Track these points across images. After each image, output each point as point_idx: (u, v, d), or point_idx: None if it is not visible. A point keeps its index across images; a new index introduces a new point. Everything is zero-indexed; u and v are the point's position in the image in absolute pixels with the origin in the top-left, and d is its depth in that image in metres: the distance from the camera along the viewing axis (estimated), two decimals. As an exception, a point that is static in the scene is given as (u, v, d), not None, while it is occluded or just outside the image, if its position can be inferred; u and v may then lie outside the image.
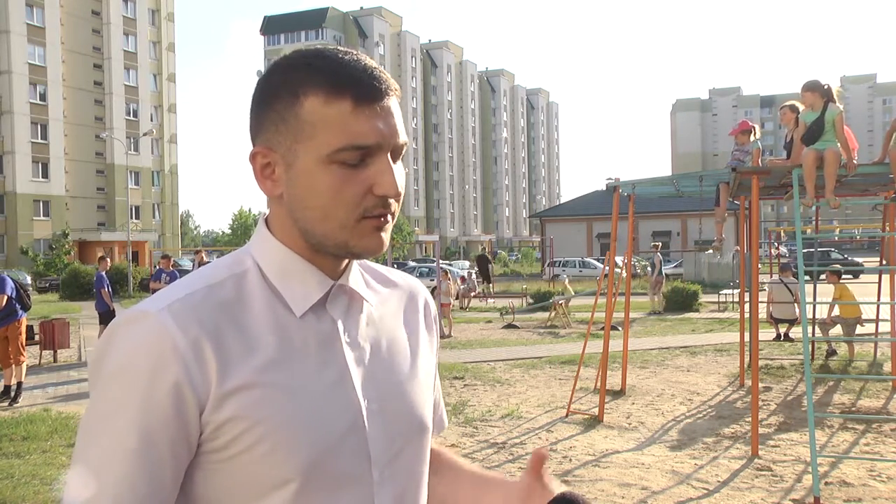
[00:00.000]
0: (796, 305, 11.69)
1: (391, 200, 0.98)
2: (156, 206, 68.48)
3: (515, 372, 10.80)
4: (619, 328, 11.89)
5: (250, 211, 69.33)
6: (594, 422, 7.62)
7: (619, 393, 9.00)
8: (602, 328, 9.10)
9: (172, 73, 71.33)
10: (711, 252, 30.95)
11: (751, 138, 8.14)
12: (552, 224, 53.10)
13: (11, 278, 9.52)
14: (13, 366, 9.24)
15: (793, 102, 7.46)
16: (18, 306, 9.36)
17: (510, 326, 17.58)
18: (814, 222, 10.90)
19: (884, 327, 11.11)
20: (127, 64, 65.07)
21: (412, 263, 40.35)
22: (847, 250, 42.29)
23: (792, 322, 12.25)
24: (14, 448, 6.81)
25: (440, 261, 19.96)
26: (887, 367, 10.25)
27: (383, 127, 0.96)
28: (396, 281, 1.19)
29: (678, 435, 7.08)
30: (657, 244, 23.66)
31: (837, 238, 36.65)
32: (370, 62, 0.98)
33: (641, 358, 11.71)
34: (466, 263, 47.39)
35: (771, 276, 13.91)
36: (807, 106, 6.49)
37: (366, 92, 0.95)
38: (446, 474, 1.22)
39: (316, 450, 0.95)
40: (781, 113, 7.77)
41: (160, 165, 68.83)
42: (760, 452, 6.32)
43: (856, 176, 6.71)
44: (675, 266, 38.92)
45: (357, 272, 1.10)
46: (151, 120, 66.90)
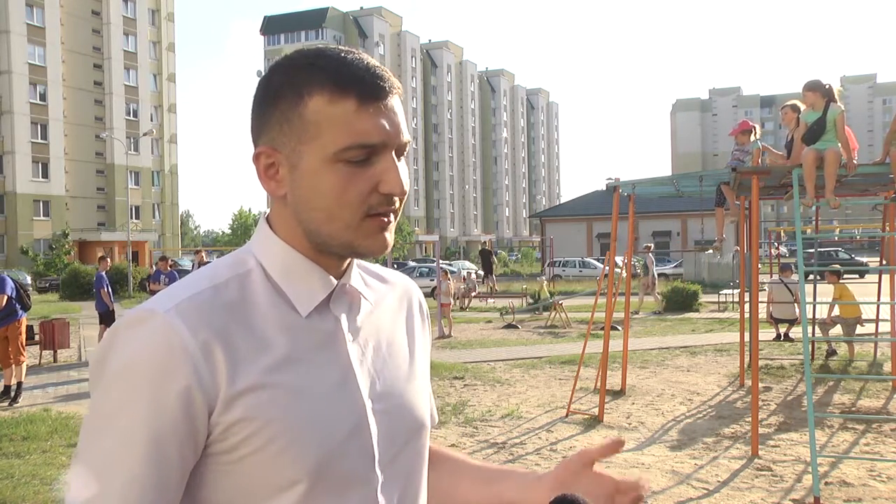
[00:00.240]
0: (796, 305, 11.69)
1: (395, 199, 0.98)
2: (156, 206, 68.49)
3: (515, 372, 10.80)
4: (619, 328, 11.89)
5: (250, 211, 69.35)
6: (594, 422, 7.62)
7: (619, 393, 9.00)
8: (602, 328, 9.09)
9: (172, 73, 71.34)
10: (711, 252, 30.99)
11: (751, 138, 8.14)
12: (552, 224, 53.09)
13: (11, 278, 9.53)
14: (13, 366, 9.24)
15: (794, 102, 7.46)
16: (18, 306, 9.36)
17: (510, 326, 17.58)
18: (814, 222, 10.90)
19: (884, 327, 11.10)
20: (127, 64, 65.08)
21: (412, 263, 40.34)
22: (852, 250, 42.24)
23: (792, 322, 12.26)
24: (14, 448, 6.81)
25: (440, 261, 19.96)
26: (887, 367, 10.25)
27: (388, 125, 0.96)
28: (391, 280, 1.19)
29: (678, 435, 7.08)
30: (649, 245, 23.60)
31: (837, 238, 36.62)
32: (373, 61, 0.98)
33: (641, 358, 11.71)
34: (467, 263, 47.41)
35: (771, 276, 13.90)
36: (808, 105, 6.48)
37: (370, 90, 0.95)
38: (446, 469, 1.21)
39: (323, 450, 0.95)
40: (783, 113, 7.76)
41: (160, 165, 68.84)
42: (760, 452, 6.32)
43: (856, 176, 6.71)
44: (675, 266, 38.96)
45: (357, 271, 1.10)
46: (151, 120, 66.92)
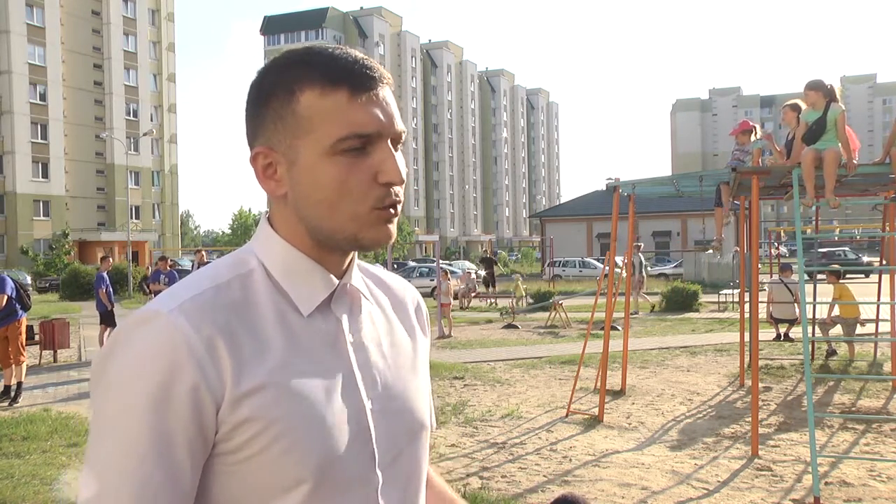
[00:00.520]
0: (796, 305, 11.69)
1: (397, 188, 0.99)
2: (156, 206, 68.49)
3: (515, 372, 10.80)
4: (619, 328, 11.90)
5: (250, 211, 69.38)
6: (594, 422, 7.62)
7: (619, 393, 9.00)
8: (602, 328, 9.09)
9: (172, 73, 71.34)
10: (711, 252, 30.99)
11: (751, 138, 8.13)
12: (552, 224, 53.11)
13: (11, 278, 9.52)
14: (13, 366, 9.24)
15: (795, 101, 7.46)
16: (18, 306, 9.36)
17: (510, 326, 17.59)
18: (814, 222, 10.90)
19: (884, 327, 11.11)
20: (127, 64, 65.07)
21: (412, 263, 40.33)
22: (859, 250, 42.19)
23: (792, 322, 12.25)
24: (14, 448, 6.81)
25: (440, 261, 19.96)
26: (887, 367, 10.25)
27: (381, 115, 0.97)
28: (391, 283, 1.20)
29: (678, 435, 7.08)
30: (638, 245, 23.35)
31: (837, 238, 36.63)
32: (360, 54, 0.99)
33: (641, 358, 11.70)
34: (467, 263, 47.42)
35: (771, 276, 13.90)
36: (809, 104, 6.48)
37: (360, 81, 0.96)
38: (430, 495, 1.24)
39: (326, 451, 0.95)
40: (783, 112, 7.76)
41: (160, 165, 68.84)
42: (760, 452, 6.31)
43: (856, 176, 6.70)
44: (675, 266, 38.96)
45: (357, 272, 1.11)
46: (151, 120, 66.92)
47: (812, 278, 10.12)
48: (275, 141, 0.98)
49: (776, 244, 18.64)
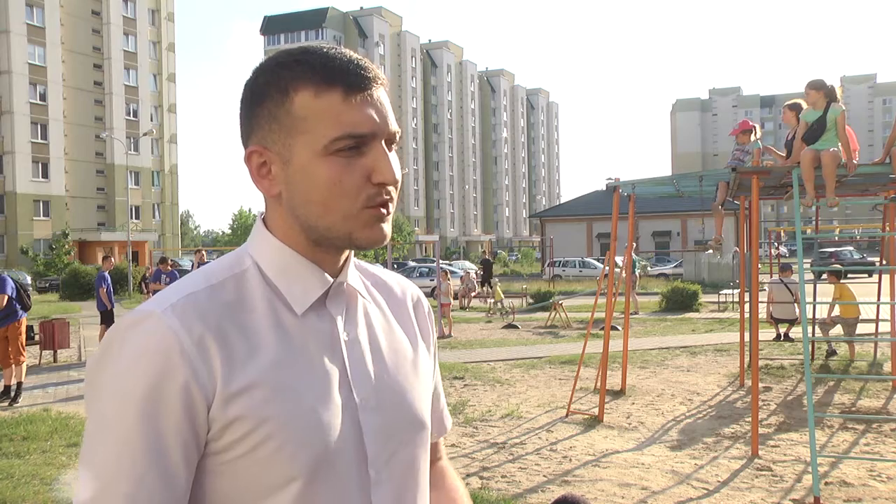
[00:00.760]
0: (796, 305, 11.69)
1: (390, 188, 0.99)
2: (156, 206, 68.45)
3: (515, 372, 10.80)
4: (619, 328, 11.89)
5: (250, 211, 69.37)
6: (594, 422, 7.62)
7: (619, 393, 9.00)
8: (602, 328, 9.09)
9: (172, 73, 71.30)
10: (711, 252, 30.97)
11: (751, 138, 8.13)
12: (552, 224, 53.07)
13: (12, 278, 9.52)
14: (13, 366, 9.24)
15: (795, 101, 7.46)
16: (18, 306, 9.36)
17: (510, 326, 17.59)
18: (814, 222, 10.90)
19: (884, 327, 11.11)
20: (127, 64, 65.04)
21: (412, 263, 40.32)
22: (863, 250, 42.14)
23: (792, 322, 12.26)
24: (14, 448, 6.81)
25: (440, 261, 19.96)
26: (887, 367, 10.25)
27: (375, 115, 0.97)
28: (391, 281, 1.20)
29: (678, 435, 7.08)
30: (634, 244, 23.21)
31: (837, 238, 36.61)
32: (355, 55, 1.00)
33: (641, 358, 11.70)
34: (467, 263, 47.41)
35: (771, 276, 13.90)
36: (810, 104, 6.48)
37: (355, 81, 0.96)
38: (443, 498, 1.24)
39: (316, 449, 0.95)
40: (783, 112, 7.77)
41: (160, 165, 68.81)
42: (760, 452, 6.31)
43: (856, 176, 6.70)
44: (675, 266, 38.95)
45: (354, 271, 1.11)
46: (151, 120, 66.87)
47: (817, 278, 10.12)
48: (269, 140, 0.99)
49: (776, 244, 18.63)
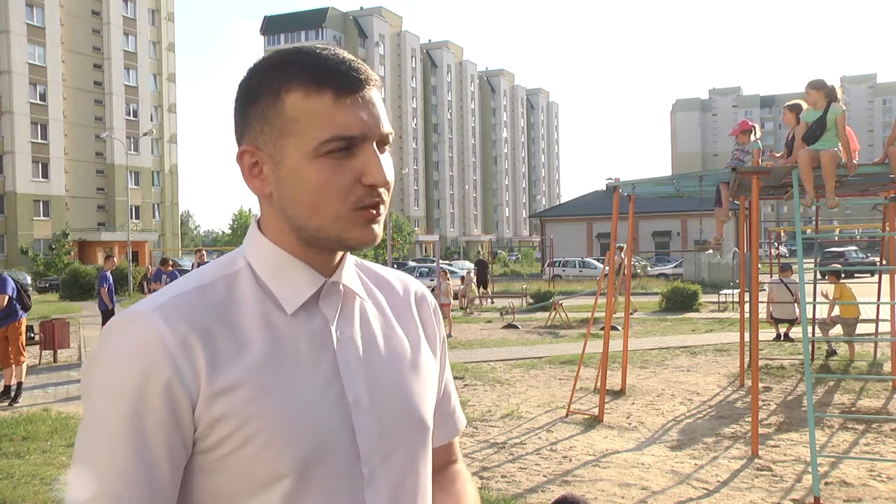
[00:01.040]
0: (796, 305, 11.69)
1: (381, 190, 0.99)
2: (156, 206, 68.46)
3: (515, 372, 10.80)
4: (619, 328, 11.89)
5: (250, 211, 69.39)
6: (594, 422, 7.62)
7: (619, 393, 9.00)
8: (602, 328, 9.09)
9: (172, 73, 71.30)
10: (711, 252, 30.97)
11: (751, 138, 8.14)
12: (552, 224, 53.08)
13: (14, 279, 9.51)
14: (13, 366, 9.24)
15: (795, 101, 7.46)
16: (18, 307, 9.35)
17: (510, 326, 17.59)
18: (814, 222, 10.90)
19: (884, 327, 11.11)
20: (127, 64, 65.04)
21: (412, 263, 40.35)
22: (865, 250, 42.14)
23: (792, 322, 12.26)
24: (14, 448, 6.81)
25: (440, 261, 19.97)
26: (887, 367, 10.25)
27: (366, 117, 0.97)
28: (392, 279, 1.19)
29: (678, 435, 7.08)
30: (621, 245, 22.99)
31: (837, 238, 36.64)
32: (348, 55, 1.00)
33: (641, 358, 11.70)
34: (467, 263, 47.44)
35: (771, 276, 13.91)
36: (810, 104, 6.48)
37: (345, 83, 0.96)
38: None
39: (305, 448, 0.96)
40: (783, 113, 7.77)
41: (160, 165, 68.81)
42: (760, 452, 6.31)
43: (856, 176, 6.70)
44: (675, 266, 38.96)
45: (352, 270, 1.11)
46: (151, 120, 66.88)
47: (822, 277, 10.10)
48: (261, 141, 0.99)
49: (776, 244, 18.63)
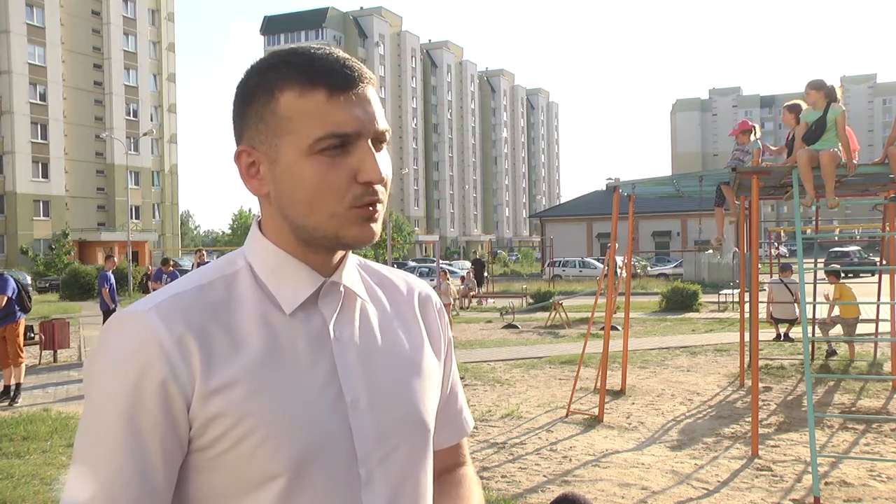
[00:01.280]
0: (796, 305, 11.69)
1: (378, 187, 0.99)
2: (156, 206, 68.46)
3: (515, 372, 10.79)
4: (619, 328, 11.89)
5: (250, 211, 69.39)
6: (594, 422, 7.61)
7: (619, 393, 9.00)
8: (602, 328, 9.09)
9: (172, 73, 71.30)
10: (711, 252, 30.98)
11: (751, 138, 8.14)
12: (552, 224, 53.10)
13: (15, 279, 9.49)
14: (12, 366, 9.24)
15: (795, 101, 7.46)
16: (18, 308, 9.34)
17: (510, 326, 17.58)
18: (814, 222, 10.90)
19: (884, 327, 11.10)
20: (127, 64, 65.04)
21: (412, 263, 40.36)
22: (867, 250, 42.19)
23: (792, 322, 12.25)
24: (14, 448, 6.81)
25: (440, 261, 19.98)
26: (887, 367, 10.24)
27: (361, 114, 0.97)
28: (395, 279, 1.19)
29: (678, 435, 7.08)
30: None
31: (837, 238, 36.64)
32: (342, 54, 1.00)
33: (641, 358, 11.70)
34: (467, 263, 47.48)
35: (771, 276, 13.91)
36: (810, 104, 6.48)
37: (338, 81, 0.97)
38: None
39: (302, 446, 0.96)
40: (782, 113, 7.77)
41: (160, 165, 68.80)
42: (760, 452, 6.31)
43: (856, 176, 6.70)
44: (675, 266, 38.96)
45: (353, 270, 1.10)
46: (151, 120, 66.87)
47: (827, 277, 10.09)
48: (257, 140, 1.00)
49: (776, 244, 18.62)
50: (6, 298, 9.07)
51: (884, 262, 9.91)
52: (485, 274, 30.53)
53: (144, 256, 54.58)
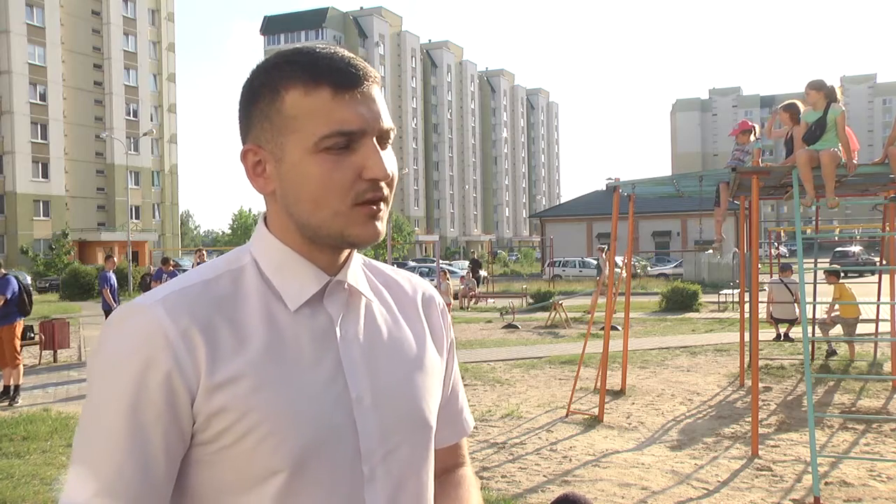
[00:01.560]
0: (796, 305, 11.69)
1: (383, 185, 0.99)
2: (156, 206, 68.45)
3: (515, 372, 10.80)
4: (619, 328, 11.89)
5: (250, 211, 69.34)
6: (594, 422, 7.61)
7: (619, 393, 9.00)
8: (602, 328, 9.09)
9: (172, 73, 71.29)
10: (711, 252, 30.97)
11: (751, 138, 8.14)
12: (552, 224, 53.07)
13: (18, 280, 9.48)
14: (10, 367, 9.23)
15: (794, 101, 7.46)
16: (17, 310, 9.33)
17: (510, 326, 17.58)
18: (814, 222, 10.90)
19: (884, 327, 11.10)
20: (127, 64, 65.03)
21: (412, 263, 40.36)
22: (868, 250, 42.20)
23: (792, 322, 12.26)
24: (14, 448, 6.81)
25: (440, 261, 19.98)
26: (887, 367, 10.24)
27: (365, 112, 0.98)
28: (399, 279, 1.19)
29: (678, 435, 7.08)
30: (601, 247, 22.79)
31: (837, 238, 36.63)
32: (347, 53, 1.01)
33: (641, 358, 11.70)
34: (467, 263, 47.49)
35: (771, 276, 13.91)
36: (810, 104, 6.48)
37: (343, 79, 0.97)
38: None
39: (303, 443, 0.96)
40: (773, 112, 7.76)
41: (160, 165, 68.80)
42: (760, 452, 6.31)
43: (856, 176, 6.70)
44: (675, 266, 38.96)
45: (359, 269, 1.11)
46: (151, 120, 66.86)
47: (829, 276, 10.09)
48: (263, 139, 1.00)
49: (776, 244, 18.62)
50: (4, 300, 9.07)
51: (884, 262, 9.92)
52: (480, 272, 30.53)
53: (144, 256, 54.59)
